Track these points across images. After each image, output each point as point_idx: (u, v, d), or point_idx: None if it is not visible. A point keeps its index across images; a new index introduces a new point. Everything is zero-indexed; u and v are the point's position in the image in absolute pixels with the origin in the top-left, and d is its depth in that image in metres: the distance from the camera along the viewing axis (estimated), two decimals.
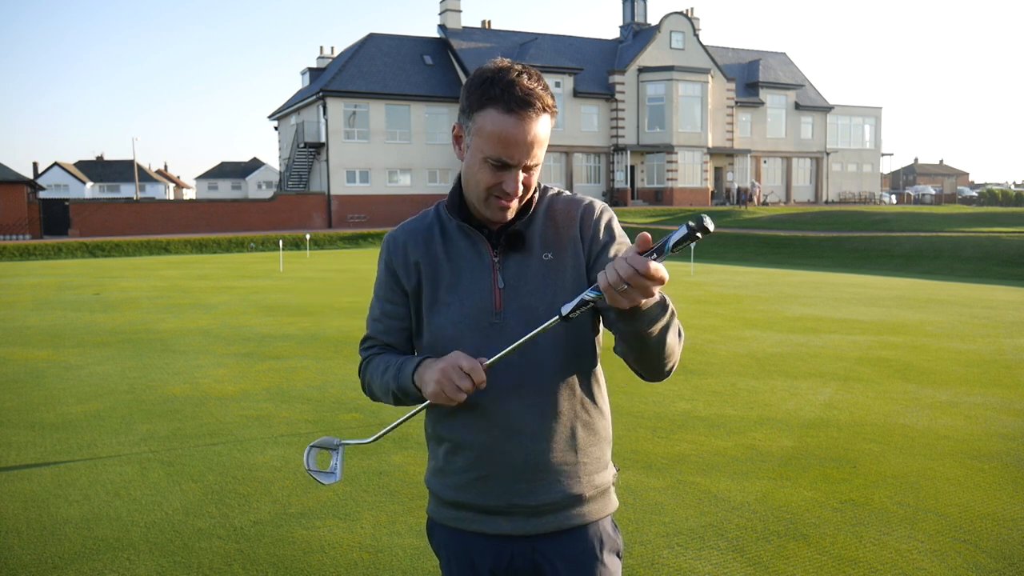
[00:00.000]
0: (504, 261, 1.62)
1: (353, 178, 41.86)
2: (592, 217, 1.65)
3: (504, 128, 1.49)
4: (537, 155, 1.54)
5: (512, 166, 1.52)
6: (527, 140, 1.50)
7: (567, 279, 1.61)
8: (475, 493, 1.63)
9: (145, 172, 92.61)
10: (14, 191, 35.12)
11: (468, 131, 1.55)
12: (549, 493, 1.61)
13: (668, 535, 3.81)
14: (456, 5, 47.01)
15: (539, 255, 1.62)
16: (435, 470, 1.71)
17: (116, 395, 6.81)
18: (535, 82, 1.51)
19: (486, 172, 1.54)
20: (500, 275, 1.61)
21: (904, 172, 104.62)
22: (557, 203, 1.67)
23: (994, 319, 11.03)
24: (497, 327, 1.59)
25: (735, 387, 6.88)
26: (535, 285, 1.61)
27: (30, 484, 4.63)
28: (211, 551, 3.70)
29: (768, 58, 54.52)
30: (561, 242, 1.63)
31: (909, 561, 3.53)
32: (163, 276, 19.19)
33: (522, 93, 1.48)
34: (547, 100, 1.52)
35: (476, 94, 1.52)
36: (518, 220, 1.63)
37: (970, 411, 6.06)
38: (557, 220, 1.65)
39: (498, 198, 1.56)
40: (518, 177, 1.54)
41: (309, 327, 10.49)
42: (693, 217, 1.26)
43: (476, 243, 1.63)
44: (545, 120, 1.53)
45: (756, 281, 17.12)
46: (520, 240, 1.62)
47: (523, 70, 1.52)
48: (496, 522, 1.62)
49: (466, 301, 1.61)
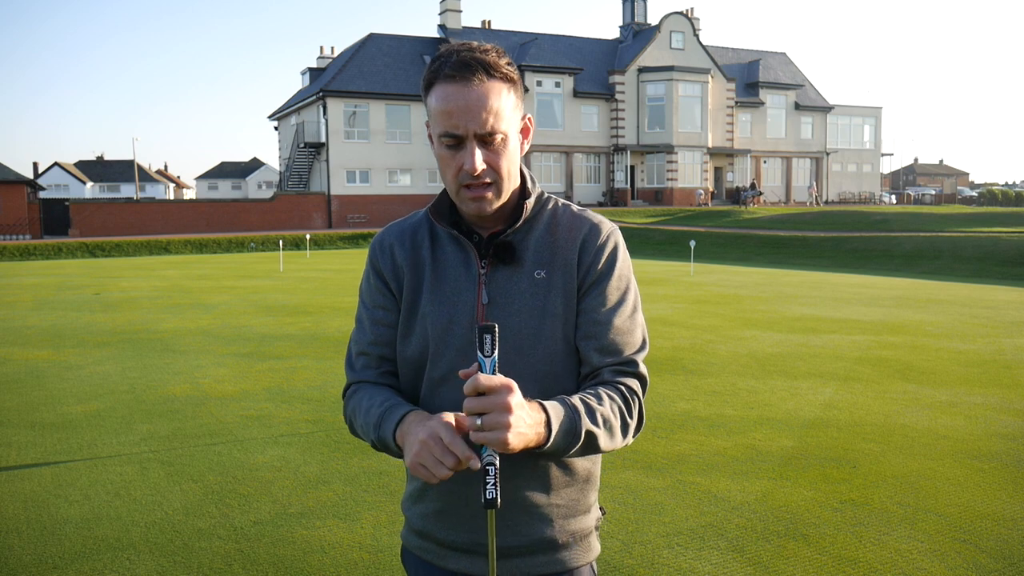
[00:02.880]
0: (492, 274, 1.46)
1: (353, 178, 41.86)
2: (595, 242, 1.49)
3: (445, 97, 1.36)
4: (491, 124, 1.36)
5: (463, 138, 1.37)
6: (470, 104, 1.35)
7: (558, 304, 1.45)
8: (439, 526, 1.51)
9: (145, 172, 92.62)
10: (14, 191, 35.12)
11: (429, 121, 1.44)
12: (515, 536, 1.45)
13: (668, 535, 3.81)
14: (456, 5, 47.01)
15: (530, 271, 1.46)
16: (408, 494, 1.59)
17: (116, 395, 6.81)
18: (483, 51, 1.38)
19: (447, 156, 1.40)
20: (485, 289, 1.46)
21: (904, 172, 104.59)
22: (561, 217, 1.52)
23: (994, 319, 11.03)
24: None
25: (735, 387, 6.88)
26: (521, 305, 1.45)
27: (30, 484, 4.63)
28: (211, 551, 3.70)
29: (768, 58, 54.51)
30: (557, 262, 1.47)
31: (909, 561, 3.53)
32: (163, 276, 19.19)
33: (460, 59, 1.36)
34: (497, 66, 1.37)
35: (424, 78, 1.41)
36: (510, 228, 1.48)
37: (970, 411, 6.06)
38: (557, 237, 1.49)
39: (467, 187, 1.40)
40: (475, 152, 1.36)
41: (309, 327, 10.49)
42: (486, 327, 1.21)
43: (465, 251, 1.49)
44: (499, 90, 1.37)
45: (756, 281, 17.12)
46: (510, 252, 1.46)
47: (472, 44, 1.41)
48: (459, 559, 1.49)
49: (443, 312, 1.46)
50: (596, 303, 1.46)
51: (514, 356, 1.42)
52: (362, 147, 42.03)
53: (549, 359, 1.45)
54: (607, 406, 1.39)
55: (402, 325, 1.51)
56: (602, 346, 1.45)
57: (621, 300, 1.48)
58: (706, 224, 33.12)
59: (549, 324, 1.44)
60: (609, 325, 1.46)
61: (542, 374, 1.44)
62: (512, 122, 1.41)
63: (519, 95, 1.44)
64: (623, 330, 1.47)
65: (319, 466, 4.88)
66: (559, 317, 1.45)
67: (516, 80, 1.42)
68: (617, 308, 1.47)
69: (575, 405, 1.34)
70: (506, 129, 1.39)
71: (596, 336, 1.46)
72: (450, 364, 1.44)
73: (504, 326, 1.42)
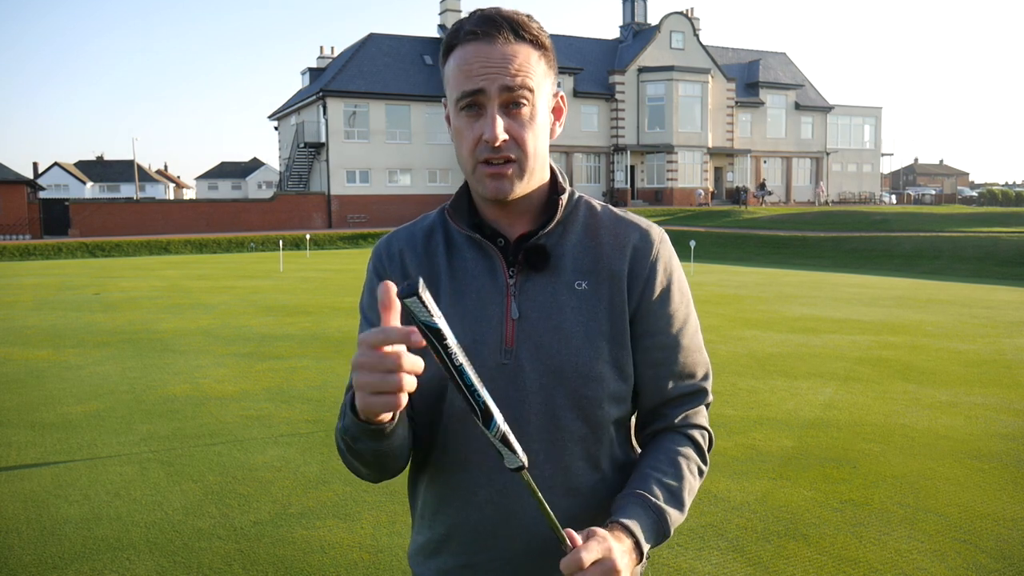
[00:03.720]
0: (523, 284, 1.24)
1: (353, 178, 41.85)
2: (650, 252, 1.28)
3: (464, 57, 1.17)
4: (519, 81, 1.16)
5: (483, 100, 1.17)
6: (493, 60, 1.15)
7: (604, 321, 1.24)
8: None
9: (145, 172, 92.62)
10: (14, 191, 35.11)
11: (447, 96, 1.25)
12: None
13: None
14: (456, 5, 47.00)
15: (569, 281, 1.25)
16: (419, 547, 1.35)
17: (116, 395, 6.81)
18: (506, 10, 1.20)
19: (462, 128, 1.20)
20: (515, 302, 1.24)
21: (904, 172, 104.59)
22: (601, 219, 1.31)
23: (994, 319, 11.03)
24: (507, 369, 1.22)
25: (735, 387, 6.88)
26: (560, 320, 1.23)
27: (30, 484, 4.63)
28: (211, 551, 3.70)
29: (768, 58, 54.51)
30: (602, 272, 1.26)
31: (909, 561, 3.53)
32: (163, 276, 19.19)
33: (482, 16, 1.18)
34: (525, 25, 1.19)
35: (444, 47, 1.23)
36: (541, 230, 1.26)
37: (970, 411, 6.06)
38: (601, 242, 1.28)
39: (485, 162, 1.19)
40: (496, 118, 1.16)
41: (309, 327, 10.49)
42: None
43: (489, 257, 1.26)
44: (527, 51, 1.18)
45: (756, 281, 17.12)
46: (544, 257, 1.25)
47: (495, 6, 1.22)
48: None
49: (468, 330, 1.23)
50: (663, 324, 1.28)
51: (552, 381, 1.22)
52: (362, 147, 42.02)
53: (594, 385, 1.23)
54: (685, 471, 1.26)
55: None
56: (673, 372, 1.28)
57: (687, 318, 1.31)
58: (706, 224, 33.12)
59: (595, 344, 1.23)
60: (679, 348, 1.29)
61: (585, 402, 1.23)
62: (543, 92, 1.21)
63: (552, 65, 1.24)
64: (693, 350, 1.31)
65: (319, 466, 4.88)
66: (605, 336, 1.24)
67: (549, 47, 1.22)
68: (684, 327, 1.30)
69: (661, 509, 1.19)
70: (534, 96, 1.19)
71: (666, 363, 1.28)
72: None
73: (538, 345, 1.22)
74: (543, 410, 1.22)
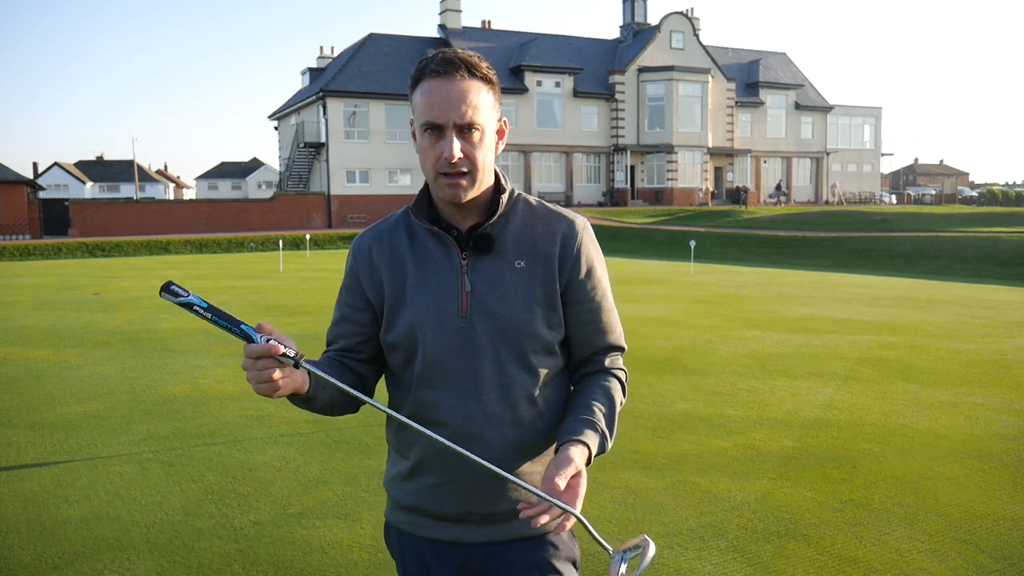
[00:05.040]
0: (473, 264, 1.57)
1: (353, 178, 41.86)
2: (576, 237, 1.62)
3: (429, 90, 1.50)
4: (468, 115, 1.48)
5: (442, 127, 1.49)
6: (451, 97, 1.48)
7: (538, 291, 1.58)
8: (432, 500, 1.61)
9: (145, 172, 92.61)
10: (14, 191, 35.12)
11: (413, 117, 1.57)
12: (507, 501, 1.58)
13: (668, 535, 3.81)
14: (456, 5, 47.00)
15: (511, 261, 1.58)
16: (397, 473, 1.69)
17: (116, 395, 6.81)
18: (469, 56, 1.51)
19: (427, 145, 1.52)
20: (468, 278, 1.57)
21: (904, 172, 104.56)
22: (537, 211, 1.64)
23: (994, 319, 11.03)
24: (463, 332, 1.55)
25: (735, 387, 6.88)
26: (504, 292, 1.56)
27: (30, 484, 4.63)
28: (211, 551, 3.70)
29: (768, 58, 54.51)
30: (536, 253, 1.59)
31: (909, 561, 3.53)
32: (163, 276, 19.19)
33: (444, 57, 1.50)
34: (479, 67, 1.51)
35: (412, 78, 1.55)
36: (487, 222, 1.59)
37: (970, 411, 6.06)
38: (535, 230, 1.61)
39: (444, 174, 1.51)
40: (453, 141, 1.49)
41: (309, 327, 10.49)
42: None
43: (445, 244, 1.60)
44: (478, 88, 1.50)
45: (756, 281, 17.12)
46: (489, 243, 1.58)
47: (454, 49, 1.54)
48: (450, 529, 1.61)
49: (432, 301, 1.57)
50: (589, 294, 1.63)
51: (499, 339, 1.55)
52: (362, 147, 42.03)
53: (532, 341, 1.57)
54: (617, 403, 1.63)
55: (387, 316, 1.63)
56: (599, 329, 1.65)
57: (605, 289, 1.67)
58: (706, 224, 33.12)
59: (531, 308, 1.57)
60: (600, 311, 1.65)
61: (526, 355, 1.57)
62: (489, 119, 1.54)
63: (497, 97, 1.57)
64: (612, 312, 1.68)
65: (319, 466, 4.88)
66: (540, 303, 1.58)
67: (495, 82, 1.56)
68: (604, 296, 1.66)
69: (603, 431, 1.55)
70: (483, 124, 1.51)
71: (594, 322, 1.64)
72: (439, 346, 1.57)
73: (487, 312, 1.55)
74: (493, 361, 1.56)
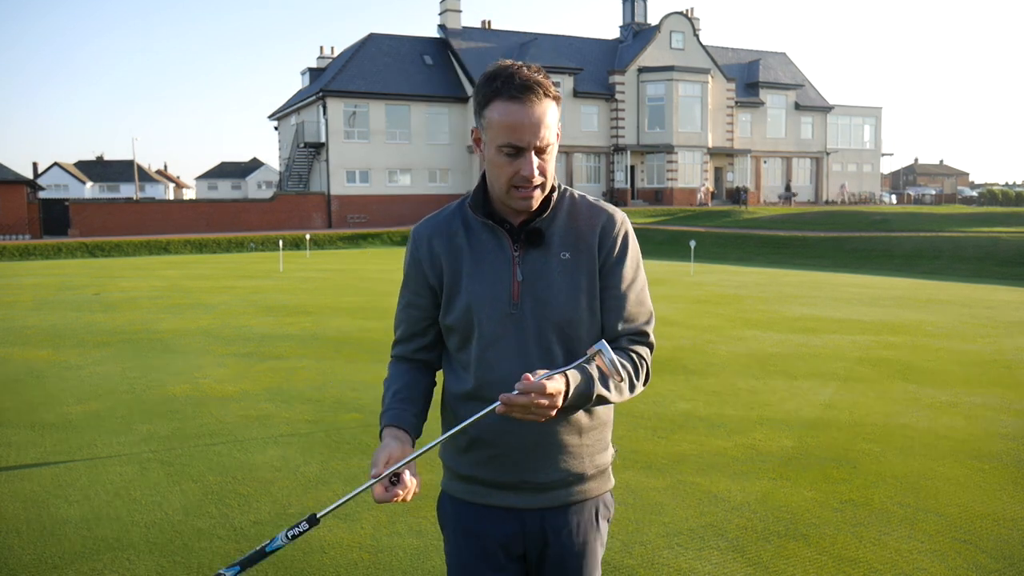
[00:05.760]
0: (524, 256, 1.73)
1: (353, 178, 41.84)
2: (613, 229, 1.77)
3: (510, 114, 1.62)
4: (546, 137, 1.64)
5: (523, 149, 1.63)
6: (532, 122, 1.61)
7: (582, 280, 1.73)
8: (489, 469, 1.76)
9: (145, 172, 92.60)
10: (14, 191, 35.09)
11: (483, 129, 1.68)
12: (556, 471, 1.75)
13: (668, 535, 3.81)
14: (456, 5, 46.98)
15: (557, 253, 1.73)
16: (452, 449, 1.82)
17: (116, 395, 6.81)
18: (535, 72, 1.64)
19: (503, 162, 1.65)
20: (519, 268, 1.72)
21: (904, 172, 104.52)
22: (580, 206, 1.78)
23: (994, 319, 11.03)
24: (514, 318, 1.71)
25: (735, 387, 6.88)
26: (551, 281, 1.72)
27: (30, 484, 4.63)
28: (211, 551, 3.70)
29: (768, 58, 54.48)
30: (580, 245, 1.74)
31: (909, 561, 3.53)
32: (163, 276, 19.19)
33: (521, 81, 1.61)
34: (549, 88, 1.64)
35: (483, 92, 1.65)
36: (537, 217, 1.73)
37: (970, 411, 6.06)
38: (579, 223, 1.76)
39: (518, 187, 1.67)
40: (532, 161, 1.64)
41: (309, 327, 10.49)
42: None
43: (498, 237, 1.74)
44: (550, 107, 1.64)
45: (756, 281, 17.12)
46: (539, 237, 1.72)
47: (523, 64, 1.65)
48: (506, 496, 1.77)
49: (486, 289, 1.72)
50: (616, 281, 1.76)
51: (546, 323, 1.71)
52: (362, 147, 42.01)
53: (574, 326, 1.73)
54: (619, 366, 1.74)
55: (445, 300, 1.78)
56: (621, 317, 1.76)
57: (635, 279, 1.78)
58: (706, 224, 33.12)
59: (575, 297, 1.72)
60: (626, 299, 1.76)
61: (568, 338, 1.73)
62: (557, 132, 1.70)
63: (560, 109, 1.72)
64: (638, 303, 1.78)
65: (319, 466, 4.88)
66: (584, 291, 1.73)
67: (560, 98, 1.69)
68: (632, 285, 1.77)
69: (591, 375, 1.62)
70: (554, 140, 1.68)
71: (616, 309, 1.76)
72: (493, 329, 1.72)
73: (536, 300, 1.71)
74: (539, 343, 1.71)
